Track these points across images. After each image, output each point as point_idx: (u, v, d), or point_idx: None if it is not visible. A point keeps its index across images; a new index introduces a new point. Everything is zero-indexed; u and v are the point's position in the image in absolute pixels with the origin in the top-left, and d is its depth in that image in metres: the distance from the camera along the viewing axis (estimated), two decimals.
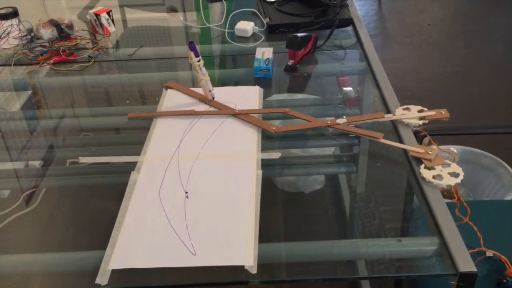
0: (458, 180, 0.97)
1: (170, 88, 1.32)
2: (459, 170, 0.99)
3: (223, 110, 1.22)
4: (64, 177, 1.11)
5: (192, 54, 1.17)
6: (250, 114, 1.18)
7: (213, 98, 1.25)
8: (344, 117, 1.13)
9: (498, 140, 2.23)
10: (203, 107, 1.24)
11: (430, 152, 1.02)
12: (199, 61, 1.19)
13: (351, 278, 1.36)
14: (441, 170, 0.99)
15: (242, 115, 1.18)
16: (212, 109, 1.23)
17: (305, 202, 1.08)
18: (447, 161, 1.01)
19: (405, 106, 1.17)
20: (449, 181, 0.97)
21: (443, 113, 1.13)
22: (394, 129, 1.13)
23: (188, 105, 1.25)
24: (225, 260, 0.85)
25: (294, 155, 1.17)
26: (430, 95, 2.85)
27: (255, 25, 1.59)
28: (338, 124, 1.11)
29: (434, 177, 0.97)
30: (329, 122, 1.12)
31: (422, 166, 1.00)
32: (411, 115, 1.12)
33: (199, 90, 1.28)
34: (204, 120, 1.20)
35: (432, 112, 1.11)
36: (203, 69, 1.21)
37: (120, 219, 0.94)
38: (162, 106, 1.26)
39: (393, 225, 0.98)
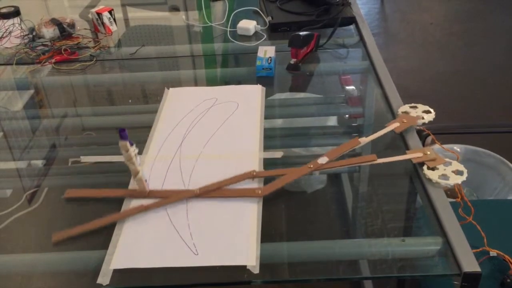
0: (464, 177, 0.97)
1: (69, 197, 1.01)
2: (461, 167, 0.99)
3: (179, 195, 0.98)
4: (66, 177, 1.11)
5: (126, 144, 0.91)
6: (234, 181, 1.00)
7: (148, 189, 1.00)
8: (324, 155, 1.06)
9: (501, 139, 2.22)
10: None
11: (429, 152, 1.01)
12: (134, 150, 0.93)
13: (354, 278, 1.35)
14: (444, 169, 0.98)
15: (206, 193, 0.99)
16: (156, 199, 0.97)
17: (307, 201, 1.07)
18: (448, 160, 1.01)
19: (412, 104, 1.17)
20: (455, 179, 0.96)
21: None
22: None
23: (191, 105, 1.25)
24: (227, 260, 0.85)
25: (296, 154, 1.17)
26: (432, 94, 2.84)
27: (257, 24, 1.59)
28: (322, 164, 1.04)
29: (439, 177, 0.97)
30: (311, 166, 1.04)
31: (425, 168, 1.00)
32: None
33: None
34: (208, 118, 1.20)
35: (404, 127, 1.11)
36: (139, 158, 0.96)
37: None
38: (163, 108, 1.25)
39: (396, 224, 0.97)
